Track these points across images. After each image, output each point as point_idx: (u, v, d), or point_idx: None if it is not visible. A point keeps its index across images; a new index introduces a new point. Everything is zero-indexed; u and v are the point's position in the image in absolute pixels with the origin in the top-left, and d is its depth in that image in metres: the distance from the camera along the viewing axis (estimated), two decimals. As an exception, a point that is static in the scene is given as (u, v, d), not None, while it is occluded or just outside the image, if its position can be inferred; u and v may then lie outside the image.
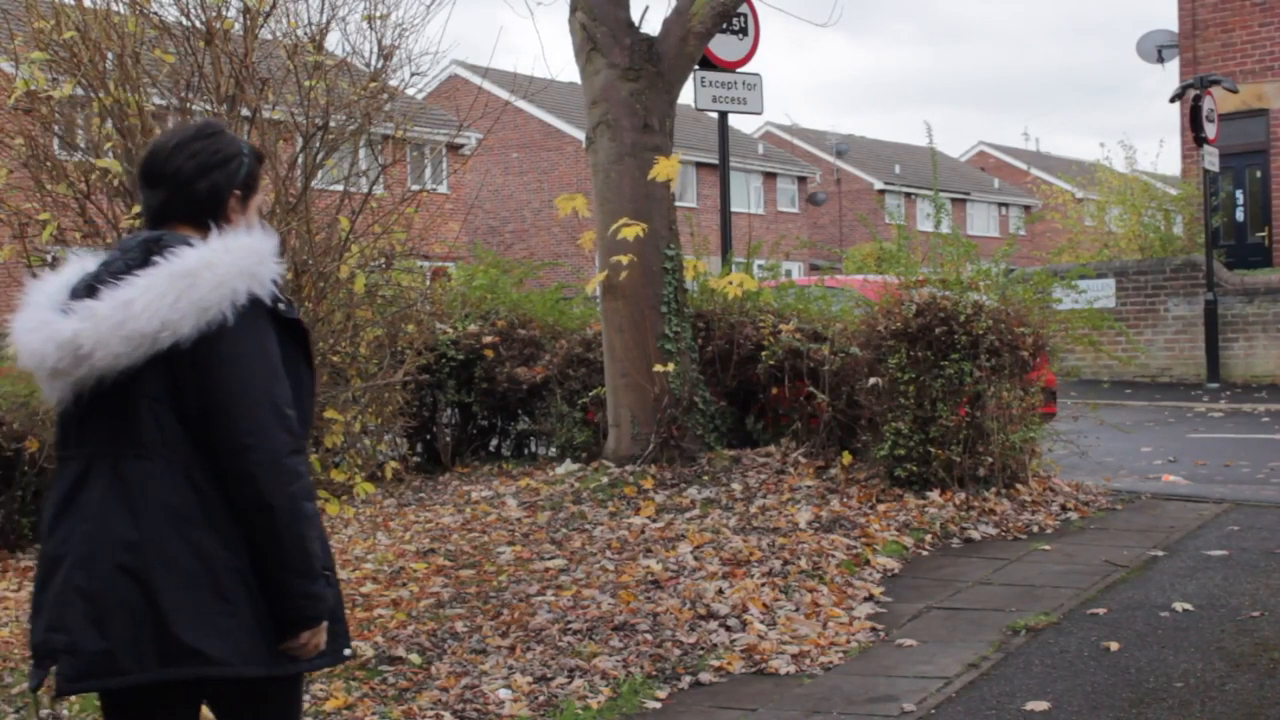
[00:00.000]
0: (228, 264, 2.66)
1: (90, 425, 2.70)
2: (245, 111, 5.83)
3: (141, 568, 2.59)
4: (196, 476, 2.64)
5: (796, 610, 5.75)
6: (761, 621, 5.58)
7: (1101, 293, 17.14)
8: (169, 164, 2.80)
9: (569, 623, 5.60)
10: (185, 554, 2.61)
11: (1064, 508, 7.83)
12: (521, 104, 35.61)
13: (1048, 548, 6.92)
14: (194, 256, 2.65)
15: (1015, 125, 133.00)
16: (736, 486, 7.74)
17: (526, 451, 10.19)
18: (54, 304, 2.72)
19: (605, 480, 8.08)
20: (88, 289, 2.70)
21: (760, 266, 10.62)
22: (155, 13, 5.80)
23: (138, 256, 2.71)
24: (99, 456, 2.68)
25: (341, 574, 6.62)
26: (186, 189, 2.78)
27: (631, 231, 8.08)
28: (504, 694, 4.81)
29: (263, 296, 2.69)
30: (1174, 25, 21.42)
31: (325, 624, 2.73)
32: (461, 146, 28.00)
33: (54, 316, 2.68)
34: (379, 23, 6.07)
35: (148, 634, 2.58)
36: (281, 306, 2.75)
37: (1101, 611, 5.65)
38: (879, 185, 47.77)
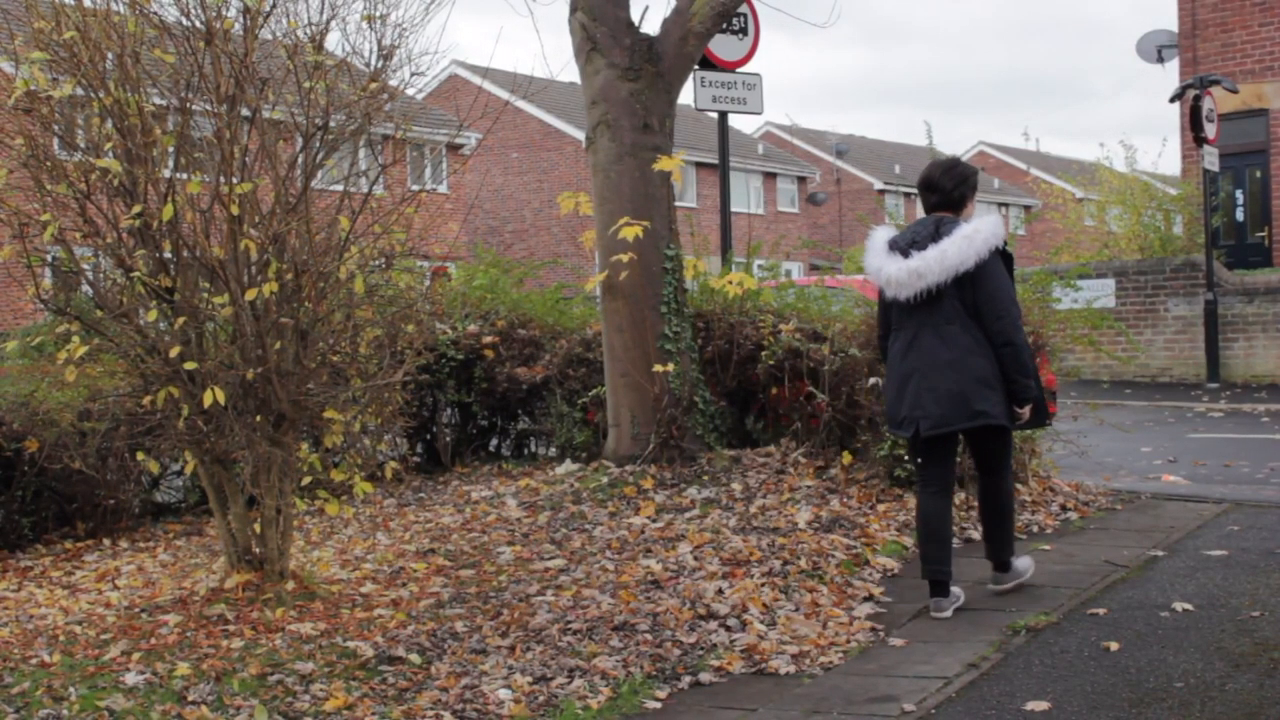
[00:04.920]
0: (986, 230, 5.51)
1: (917, 311, 5.59)
2: (245, 111, 5.82)
3: (955, 374, 5.50)
4: (974, 332, 5.52)
5: (796, 610, 5.76)
6: (761, 621, 5.58)
7: (1101, 293, 17.13)
8: (939, 182, 5.74)
9: (569, 623, 5.60)
10: (974, 366, 5.50)
11: (1064, 508, 7.83)
12: (521, 104, 35.64)
13: (1047, 548, 6.92)
14: (970, 228, 5.52)
15: (975, 126, 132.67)
16: (736, 486, 7.74)
17: (526, 451, 10.18)
18: (883, 250, 5.66)
19: (605, 480, 8.07)
20: (910, 244, 5.58)
21: (760, 266, 10.61)
22: (155, 13, 5.79)
23: (931, 229, 5.59)
24: (924, 326, 5.58)
25: (341, 574, 6.62)
26: (949, 195, 5.74)
27: (631, 231, 8.08)
28: (504, 694, 4.81)
29: (1000, 245, 5.53)
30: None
31: (1031, 405, 5.61)
32: (461, 146, 28.03)
33: (898, 258, 5.57)
34: (379, 23, 6.06)
35: (961, 405, 5.52)
36: (1008, 249, 5.59)
37: (1101, 611, 5.65)
38: (879, 185, 47.77)
